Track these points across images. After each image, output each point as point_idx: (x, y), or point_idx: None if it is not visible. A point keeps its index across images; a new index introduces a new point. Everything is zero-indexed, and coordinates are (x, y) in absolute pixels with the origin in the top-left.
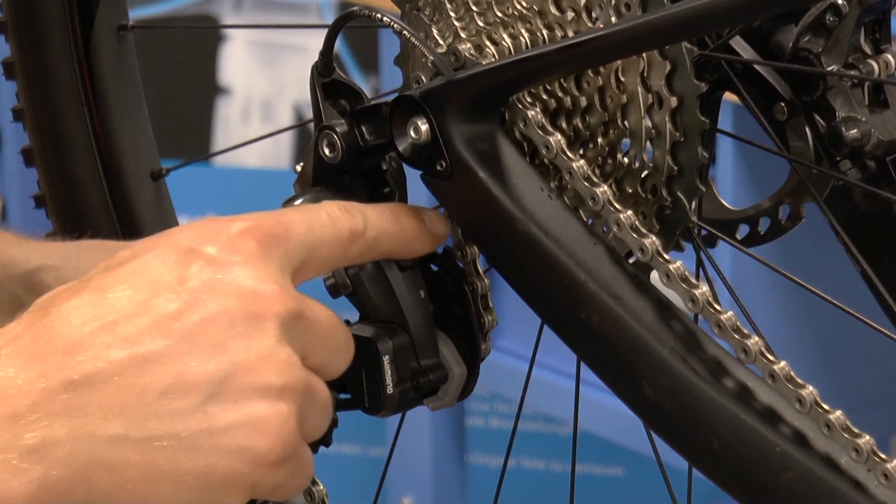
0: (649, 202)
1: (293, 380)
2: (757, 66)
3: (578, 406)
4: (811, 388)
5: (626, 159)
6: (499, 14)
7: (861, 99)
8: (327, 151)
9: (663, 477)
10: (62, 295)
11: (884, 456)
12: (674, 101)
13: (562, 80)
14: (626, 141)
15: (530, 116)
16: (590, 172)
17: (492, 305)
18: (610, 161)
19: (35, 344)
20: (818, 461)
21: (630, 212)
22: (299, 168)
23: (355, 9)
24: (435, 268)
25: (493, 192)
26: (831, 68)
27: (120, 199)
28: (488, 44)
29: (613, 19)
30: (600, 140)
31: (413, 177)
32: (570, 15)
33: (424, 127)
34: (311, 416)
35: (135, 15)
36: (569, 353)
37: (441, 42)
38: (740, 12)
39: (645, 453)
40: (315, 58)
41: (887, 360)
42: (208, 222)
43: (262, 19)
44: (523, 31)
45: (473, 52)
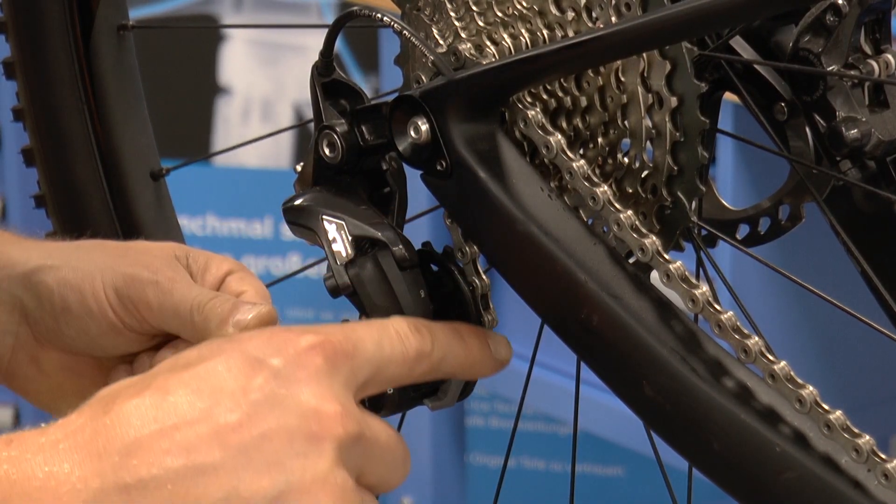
0: (649, 202)
1: None
2: (757, 66)
3: (578, 406)
4: (811, 388)
5: (627, 159)
6: (499, 14)
7: (861, 99)
8: (327, 151)
9: (663, 477)
10: (125, 392)
11: (884, 456)
12: (674, 101)
13: (562, 80)
14: (627, 141)
15: (530, 116)
16: (590, 172)
17: (492, 305)
18: (610, 161)
19: (93, 441)
20: (818, 461)
21: (630, 212)
22: (299, 168)
23: (355, 9)
24: (435, 268)
25: (493, 191)
26: (831, 68)
27: (120, 198)
28: (488, 44)
29: (614, 19)
30: (600, 140)
31: (413, 176)
32: (571, 15)
33: (424, 127)
34: None
35: (135, 15)
36: (569, 353)
37: (441, 42)
38: (740, 12)
39: (645, 453)
40: (315, 57)
41: (887, 360)
42: (279, 332)
43: (262, 19)
44: (523, 31)
45: (474, 51)
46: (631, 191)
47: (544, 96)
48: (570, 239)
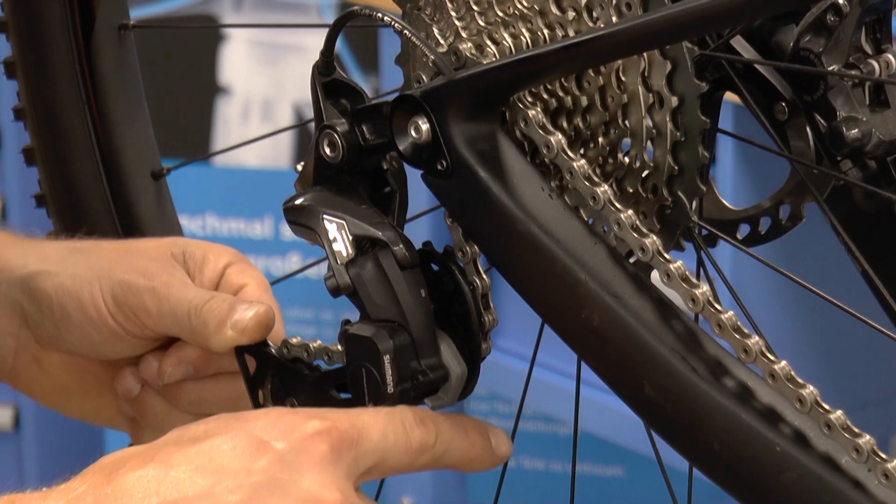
0: (650, 202)
1: None
2: (758, 66)
3: (579, 406)
4: (812, 387)
5: (627, 159)
6: (500, 13)
7: (862, 99)
8: (328, 151)
9: (664, 477)
10: (129, 462)
11: (884, 455)
12: (674, 101)
13: (562, 80)
14: (627, 140)
15: (531, 116)
16: (590, 172)
17: (492, 305)
18: (611, 160)
19: None
20: (818, 461)
21: (631, 211)
22: (300, 167)
23: (356, 8)
24: (435, 267)
25: (494, 191)
26: (832, 68)
27: (120, 198)
28: (489, 43)
29: (614, 19)
30: (601, 139)
31: (413, 176)
32: (571, 14)
33: (425, 126)
34: None
35: (135, 14)
36: (569, 353)
37: (442, 41)
38: (741, 12)
39: (645, 453)
40: (315, 57)
41: (887, 360)
42: (286, 415)
43: (262, 19)
44: (524, 30)
45: (474, 51)
46: (631, 190)
47: (545, 96)
48: (571, 238)
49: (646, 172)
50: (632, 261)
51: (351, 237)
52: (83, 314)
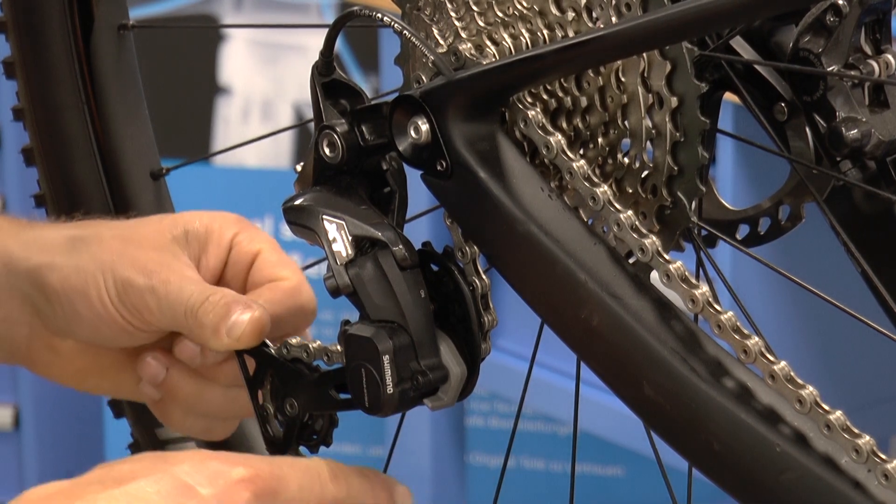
0: (649, 202)
1: None
2: (757, 67)
3: (578, 406)
4: (811, 388)
5: (627, 159)
6: (499, 14)
7: (861, 99)
8: (328, 151)
9: (663, 477)
10: (55, 501)
11: (884, 456)
12: (674, 101)
13: (562, 80)
14: (627, 141)
15: (531, 116)
16: (590, 172)
17: (492, 305)
18: (610, 161)
19: None
20: (818, 461)
21: (630, 212)
22: (299, 168)
23: (356, 8)
24: (435, 267)
25: (494, 192)
26: (832, 68)
27: (120, 198)
28: (489, 44)
29: (614, 19)
30: (601, 140)
31: (413, 176)
32: (571, 15)
33: (425, 127)
34: None
35: (135, 14)
36: (569, 353)
37: (441, 42)
38: (741, 13)
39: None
40: (315, 57)
41: (887, 360)
42: (211, 459)
43: (262, 19)
44: (524, 31)
45: (474, 51)
46: (631, 191)
47: (544, 96)
48: (571, 239)
49: (645, 173)
50: (631, 261)
51: (350, 237)
52: (92, 310)
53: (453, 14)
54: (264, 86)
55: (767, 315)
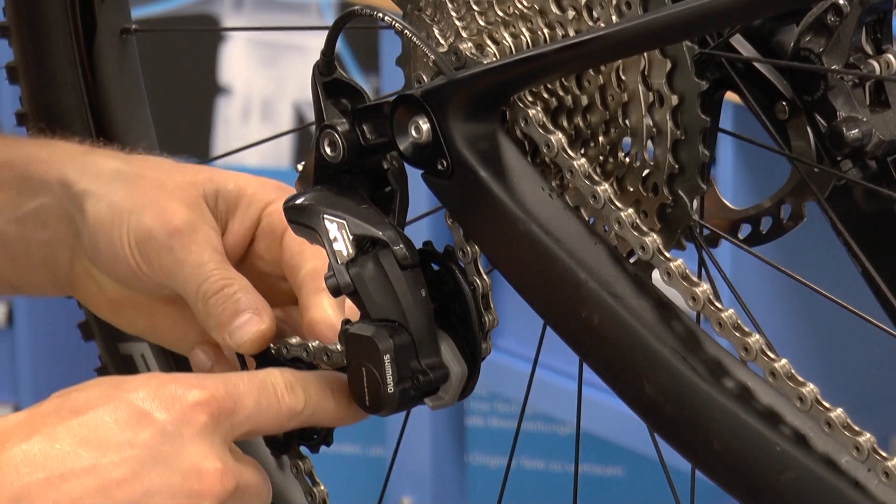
0: (650, 201)
1: None
2: (758, 65)
3: (581, 406)
4: (812, 385)
5: (627, 158)
6: (500, 13)
7: (862, 99)
8: (329, 150)
9: (666, 477)
10: (14, 435)
11: (884, 454)
12: (675, 100)
13: (563, 79)
14: (627, 139)
15: (531, 115)
16: (591, 171)
17: (492, 305)
18: (611, 159)
19: None
20: (818, 461)
21: (631, 210)
22: (300, 167)
23: (357, 8)
24: (436, 267)
25: (494, 191)
26: (832, 67)
27: None
28: (490, 43)
29: (614, 18)
30: (601, 138)
31: (414, 176)
32: (571, 14)
33: (425, 126)
34: None
35: (135, 14)
36: (569, 353)
37: (442, 41)
38: (741, 12)
39: (645, 453)
40: (316, 57)
41: (888, 359)
42: (166, 383)
43: (262, 19)
44: (524, 30)
45: (475, 51)
46: (632, 189)
47: (545, 95)
48: (571, 238)
49: (646, 171)
50: (632, 260)
51: (351, 237)
52: (110, 247)
53: (454, 14)
54: (264, 86)
55: (768, 313)
